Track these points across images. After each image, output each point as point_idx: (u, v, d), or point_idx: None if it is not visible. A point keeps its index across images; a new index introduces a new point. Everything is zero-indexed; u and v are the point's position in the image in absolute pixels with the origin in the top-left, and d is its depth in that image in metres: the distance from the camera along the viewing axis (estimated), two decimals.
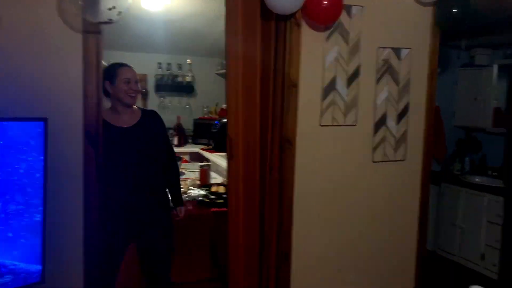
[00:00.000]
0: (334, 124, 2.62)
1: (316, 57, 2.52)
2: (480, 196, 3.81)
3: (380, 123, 2.73)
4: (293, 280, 2.61)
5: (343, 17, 2.52)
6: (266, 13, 2.33)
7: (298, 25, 2.43)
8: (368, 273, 2.83)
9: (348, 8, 2.55)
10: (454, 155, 4.43)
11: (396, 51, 2.72)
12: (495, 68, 4.12)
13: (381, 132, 2.74)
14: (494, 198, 3.66)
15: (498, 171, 4.05)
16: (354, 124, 2.67)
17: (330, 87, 2.57)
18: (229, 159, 2.44)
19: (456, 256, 4.03)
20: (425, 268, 3.00)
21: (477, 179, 4.06)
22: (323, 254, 2.70)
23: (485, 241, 3.74)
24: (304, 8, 2.32)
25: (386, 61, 2.70)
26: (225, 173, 2.74)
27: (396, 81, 2.74)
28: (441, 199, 4.17)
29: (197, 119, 5.56)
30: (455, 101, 4.44)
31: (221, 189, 3.20)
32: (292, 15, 2.37)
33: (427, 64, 2.82)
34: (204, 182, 3.47)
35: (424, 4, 2.72)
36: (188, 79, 5.56)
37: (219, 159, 4.05)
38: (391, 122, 2.76)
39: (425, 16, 2.75)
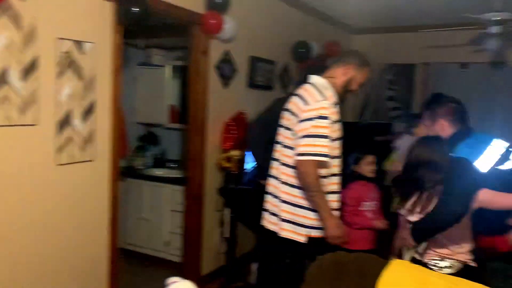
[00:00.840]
0: (8, 124, 2.20)
1: None
2: (163, 188, 4.09)
3: (65, 122, 2.49)
4: None
5: None
6: None
7: None
8: (61, 282, 2.57)
9: None
10: (137, 151, 4.59)
11: (79, 44, 2.52)
12: (168, 69, 4.49)
13: (67, 131, 2.50)
14: (175, 188, 4.00)
15: (176, 163, 4.46)
16: (34, 123, 2.33)
17: (0, 80, 2.14)
18: None
19: (144, 247, 4.20)
20: (117, 264, 2.98)
21: (159, 172, 4.34)
22: (5, 272, 2.26)
23: (169, 229, 4.06)
24: None
25: (68, 54, 2.47)
26: None
27: (81, 77, 2.55)
28: (127, 194, 4.23)
29: None
30: (135, 98, 4.59)
31: None
32: None
33: (111, 60, 2.75)
34: None
35: None
36: None
37: None
38: (77, 121, 2.55)
39: (107, 11, 2.67)
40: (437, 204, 1.97)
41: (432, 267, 2.01)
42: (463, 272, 1.97)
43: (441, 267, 2.01)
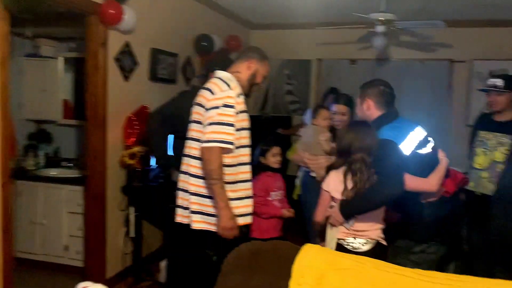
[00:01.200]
0: None
1: None
2: (59, 189, 3.80)
3: None
4: None
5: None
6: None
7: None
8: None
9: None
10: (27, 150, 4.20)
11: None
12: (60, 61, 4.17)
13: None
14: (72, 189, 3.74)
15: (73, 161, 4.17)
16: None
17: None
18: None
19: (39, 254, 3.86)
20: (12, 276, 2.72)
21: (53, 172, 4.03)
22: None
23: (68, 233, 3.78)
24: None
25: None
26: None
27: None
28: (18, 198, 3.86)
29: None
30: (23, 93, 4.18)
31: None
32: None
33: None
34: None
35: None
36: None
37: None
38: None
39: None
40: (373, 183, 2.09)
41: (347, 246, 2.15)
42: (375, 250, 2.14)
43: (357, 247, 2.15)
